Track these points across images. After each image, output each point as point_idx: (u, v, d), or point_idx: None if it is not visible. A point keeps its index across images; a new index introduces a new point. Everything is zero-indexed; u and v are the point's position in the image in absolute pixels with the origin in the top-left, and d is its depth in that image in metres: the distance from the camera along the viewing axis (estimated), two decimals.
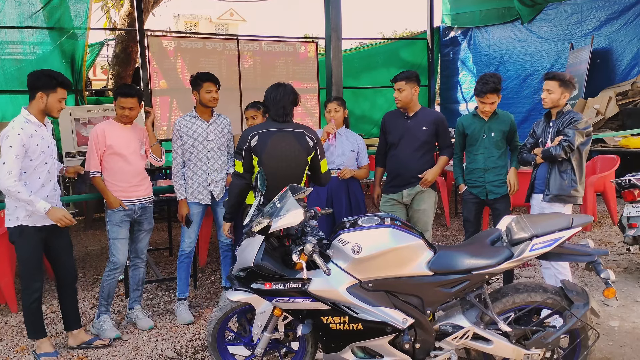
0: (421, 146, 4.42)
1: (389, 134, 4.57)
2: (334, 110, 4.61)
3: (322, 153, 3.79)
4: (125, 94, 4.12)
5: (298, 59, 8.85)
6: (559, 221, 2.99)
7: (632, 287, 4.85)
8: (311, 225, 3.15)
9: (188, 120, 4.41)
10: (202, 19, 50.38)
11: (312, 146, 3.67)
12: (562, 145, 3.93)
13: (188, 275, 4.54)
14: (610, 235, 6.61)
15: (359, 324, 2.94)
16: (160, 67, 7.91)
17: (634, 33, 9.47)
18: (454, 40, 12.73)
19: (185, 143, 4.38)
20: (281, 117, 3.65)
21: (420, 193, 4.44)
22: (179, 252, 4.50)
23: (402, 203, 4.50)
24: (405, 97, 4.39)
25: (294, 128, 3.67)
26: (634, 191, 5.06)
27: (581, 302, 2.94)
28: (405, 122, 4.47)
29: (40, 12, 8.58)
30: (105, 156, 4.13)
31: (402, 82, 4.38)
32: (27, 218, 3.63)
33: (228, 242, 4.53)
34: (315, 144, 3.68)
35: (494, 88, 4.20)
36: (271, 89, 3.71)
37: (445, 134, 4.54)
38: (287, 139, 3.62)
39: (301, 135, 3.65)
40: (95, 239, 7.42)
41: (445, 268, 2.94)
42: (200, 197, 4.42)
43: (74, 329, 4.02)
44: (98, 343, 4.02)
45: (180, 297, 4.51)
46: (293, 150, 3.61)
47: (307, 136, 3.66)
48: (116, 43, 10.62)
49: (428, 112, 4.59)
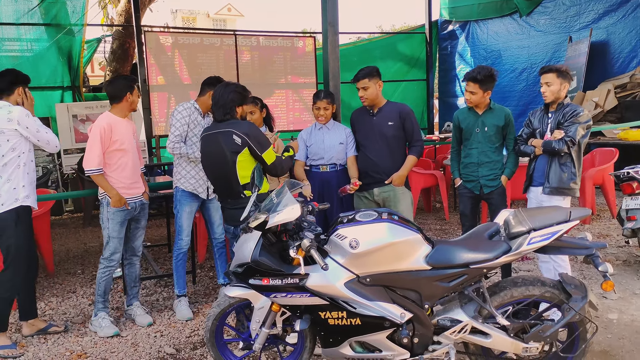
0: (389, 142, 4.36)
1: (357, 132, 4.52)
2: (323, 109, 4.49)
3: (262, 145, 3.68)
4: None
5: (296, 53, 8.82)
6: (556, 214, 2.98)
7: (631, 280, 4.86)
8: (308, 221, 3.14)
9: (188, 108, 4.36)
10: (200, 15, 50.31)
11: (242, 144, 3.62)
12: (564, 141, 3.92)
13: (185, 271, 4.54)
14: (609, 228, 6.61)
15: (357, 319, 2.93)
16: (157, 63, 7.89)
17: (632, 25, 9.45)
18: (452, 33, 12.70)
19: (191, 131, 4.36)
20: (220, 116, 3.73)
21: (392, 193, 4.38)
22: (174, 251, 4.47)
23: (374, 201, 4.45)
24: (371, 94, 4.33)
25: (225, 127, 3.67)
26: (633, 184, 5.05)
27: (579, 295, 2.93)
28: (371, 119, 4.41)
29: (36, 9, 8.56)
30: (108, 152, 4.03)
31: (365, 79, 4.32)
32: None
33: (222, 239, 4.53)
34: (245, 140, 3.61)
35: (472, 77, 4.18)
36: (216, 89, 3.80)
37: (413, 128, 4.42)
38: (213, 140, 3.70)
39: (228, 134, 3.64)
40: (94, 235, 7.41)
41: (443, 262, 2.93)
42: (200, 190, 4.40)
43: (30, 319, 4.13)
44: (54, 330, 4.15)
45: (180, 294, 4.51)
46: (217, 151, 3.68)
47: (235, 134, 3.61)
48: (113, 39, 10.59)
49: (393, 106, 4.47)
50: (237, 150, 3.63)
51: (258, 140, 3.67)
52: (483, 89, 4.19)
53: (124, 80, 4.27)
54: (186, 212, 4.41)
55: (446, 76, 13.00)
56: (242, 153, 3.64)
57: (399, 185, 4.38)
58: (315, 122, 4.61)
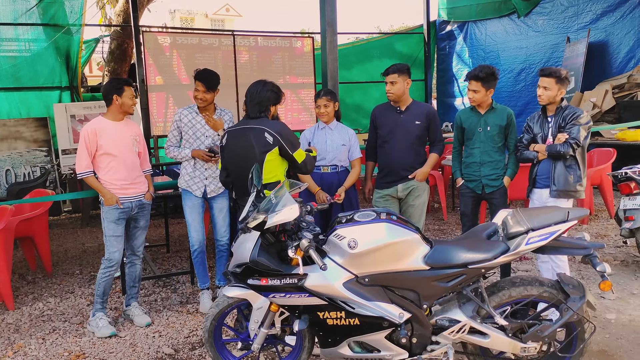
0: (414, 140, 4.41)
1: (379, 128, 4.53)
2: (323, 106, 4.51)
3: (294, 145, 3.74)
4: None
5: (294, 54, 8.81)
6: (555, 214, 2.99)
7: (629, 280, 4.86)
8: (307, 221, 3.14)
9: (189, 112, 4.46)
10: (198, 15, 50.29)
11: (273, 142, 3.65)
12: (569, 143, 3.93)
13: (205, 267, 4.59)
14: (607, 228, 6.62)
15: (356, 319, 2.94)
16: (156, 63, 7.87)
17: (630, 26, 9.47)
18: (450, 34, 12.71)
19: (185, 134, 4.45)
20: (254, 113, 3.73)
21: (414, 188, 4.43)
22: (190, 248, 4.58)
23: (397, 198, 4.48)
24: (398, 90, 4.36)
25: (257, 125, 3.68)
26: (630, 184, 5.06)
27: (577, 295, 2.94)
28: (398, 116, 4.44)
29: (34, 9, 8.54)
30: (97, 156, 4.08)
31: (394, 74, 4.35)
32: None
33: (224, 241, 4.53)
34: (277, 140, 3.65)
35: (474, 75, 4.21)
36: (252, 85, 3.80)
37: (437, 129, 4.52)
38: (244, 136, 3.70)
39: (260, 132, 3.66)
40: (92, 235, 7.41)
41: (442, 262, 2.94)
42: (194, 187, 4.44)
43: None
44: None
45: (202, 287, 4.59)
46: (246, 146, 3.68)
47: (267, 132, 3.64)
48: (111, 39, 10.57)
49: (420, 106, 4.55)
50: (267, 149, 3.66)
51: (290, 140, 3.73)
52: (486, 87, 4.21)
53: (112, 82, 4.21)
54: (188, 206, 4.47)
55: (444, 76, 13.01)
56: (271, 152, 3.66)
57: (422, 180, 4.44)
58: (318, 122, 4.62)
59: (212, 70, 4.42)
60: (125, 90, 4.10)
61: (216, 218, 4.53)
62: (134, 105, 4.21)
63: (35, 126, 8.55)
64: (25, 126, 8.47)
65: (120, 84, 4.13)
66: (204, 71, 4.39)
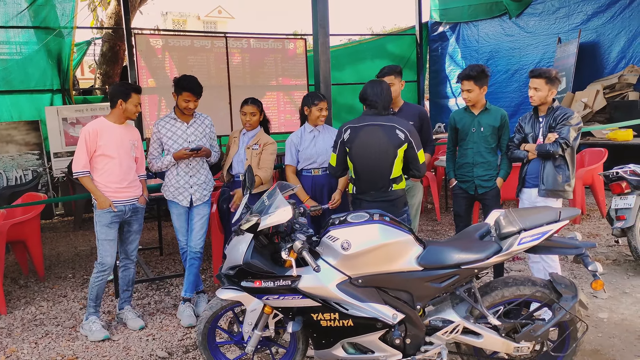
0: None
1: None
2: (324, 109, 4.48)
3: (419, 145, 3.80)
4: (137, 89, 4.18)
5: (287, 55, 8.80)
6: (547, 214, 3.00)
7: (621, 279, 4.89)
8: (300, 223, 3.14)
9: (167, 122, 4.39)
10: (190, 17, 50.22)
11: (404, 138, 3.70)
12: (558, 142, 3.96)
13: (192, 274, 4.40)
14: (599, 227, 6.65)
15: (350, 320, 2.94)
16: (148, 65, 7.85)
17: (620, 26, 9.53)
18: (442, 35, 12.75)
19: (165, 144, 4.37)
20: (382, 110, 3.77)
21: (408, 188, 4.45)
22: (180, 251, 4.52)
23: None
24: (395, 91, 4.38)
25: (386, 121, 3.74)
26: (622, 184, 5.08)
27: (570, 295, 2.96)
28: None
29: (25, 12, 8.50)
30: (94, 157, 4.06)
31: (391, 76, 4.38)
32: None
33: (198, 249, 4.39)
34: (407, 137, 3.71)
35: (466, 74, 4.23)
36: (372, 85, 3.83)
37: (429, 130, 4.56)
38: (376, 132, 3.72)
39: (391, 128, 3.70)
40: (85, 239, 7.37)
41: (435, 263, 2.94)
42: (180, 197, 4.38)
43: None
44: None
45: (183, 296, 4.43)
46: (380, 144, 3.70)
47: (398, 129, 3.70)
48: (103, 42, 10.55)
49: (412, 107, 4.61)
50: (399, 145, 3.69)
51: (416, 139, 3.78)
52: (479, 85, 4.23)
53: (120, 86, 4.21)
54: (175, 214, 4.44)
55: (437, 77, 13.04)
56: (401, 148, 3.71)
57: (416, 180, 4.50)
58: (304, 126, 4.59)
59: (193, 77, 4.33)
60: (131, 97, 4.08)
61: (194, 224, 4.40)
62: (137, 112, 4.18)
63: (26, 129, 8.51)
64: (17, 129, 8.43)
65: (128, 90, 4.10)
66: (190, 80, 4.27)
